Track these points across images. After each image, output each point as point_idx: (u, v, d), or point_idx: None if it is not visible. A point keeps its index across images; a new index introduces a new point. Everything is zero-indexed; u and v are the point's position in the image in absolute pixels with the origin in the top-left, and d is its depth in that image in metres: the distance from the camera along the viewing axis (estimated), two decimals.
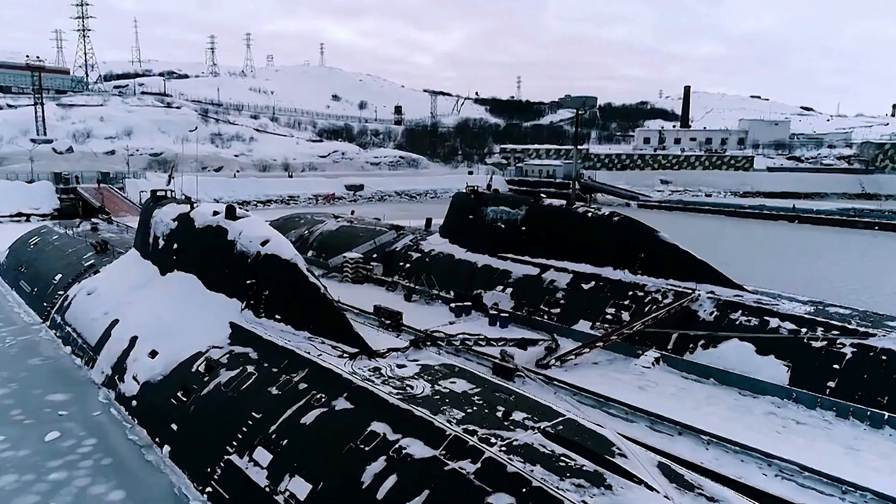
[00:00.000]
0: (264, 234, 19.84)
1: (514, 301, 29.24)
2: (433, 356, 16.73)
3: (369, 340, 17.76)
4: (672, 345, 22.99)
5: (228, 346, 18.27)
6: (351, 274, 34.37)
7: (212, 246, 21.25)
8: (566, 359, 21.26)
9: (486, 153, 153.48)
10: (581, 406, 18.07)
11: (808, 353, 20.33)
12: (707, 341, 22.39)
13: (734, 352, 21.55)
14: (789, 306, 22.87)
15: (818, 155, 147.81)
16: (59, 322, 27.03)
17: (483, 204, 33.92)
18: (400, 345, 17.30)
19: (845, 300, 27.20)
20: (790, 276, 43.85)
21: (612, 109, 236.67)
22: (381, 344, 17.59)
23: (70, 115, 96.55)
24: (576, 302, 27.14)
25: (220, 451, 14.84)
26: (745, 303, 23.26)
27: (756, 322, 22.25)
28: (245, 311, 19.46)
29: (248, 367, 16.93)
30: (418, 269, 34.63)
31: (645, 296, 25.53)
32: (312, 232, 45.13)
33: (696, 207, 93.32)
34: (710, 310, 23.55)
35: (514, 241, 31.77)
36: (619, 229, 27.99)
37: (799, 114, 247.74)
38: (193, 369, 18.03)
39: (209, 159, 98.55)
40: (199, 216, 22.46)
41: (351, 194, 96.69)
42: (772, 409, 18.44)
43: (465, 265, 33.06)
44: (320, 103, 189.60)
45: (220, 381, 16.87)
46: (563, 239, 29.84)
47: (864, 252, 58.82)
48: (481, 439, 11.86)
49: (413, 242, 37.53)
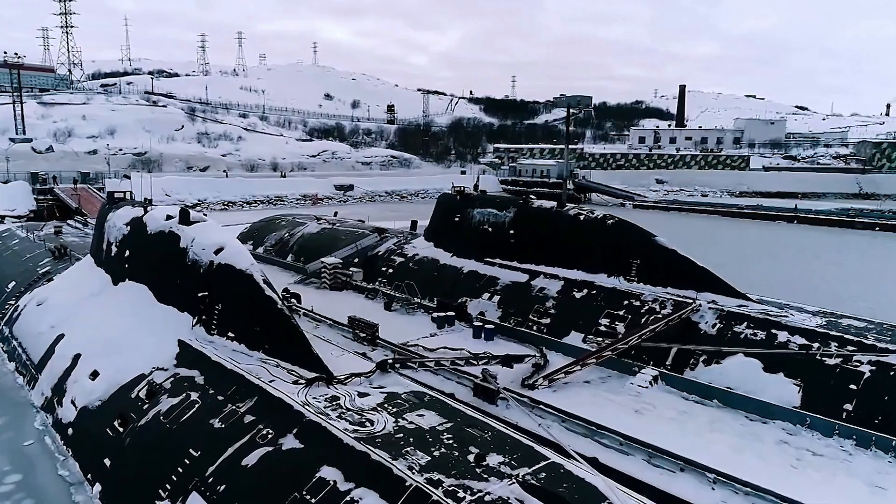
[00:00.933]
0: (219, 240, 17.83)
1: (502, 310, 27.27)
2: (402, 381, 14.73)
3: (335, 360, 15.83)
4: (671, 360, 21.04)
5: (174, 368, 16.25)
6: (329, 280, 32.33)
7: (163, 254, 19.25)
8: (555, 378, 19.30)
9: (479, 153, 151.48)
10: (570, 434, 16.14)
11: (821, 371, 18.41)
12: (709, 357, 20.44)
13: (739, 368, 19.59)
14: (799, 318, 20.94)
15: (814, 154, 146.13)
16: (6, 335, 24.95)
17: (469, 205, 31.95)
18: (365, 368, 15.28)
19: (848, 306, 25.36)
20: (790, 279, 42.02)
21: (607, 109, 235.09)
22: (346, 365, 15.61)
23: (51, 114, 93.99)
24: (567, 311, 25.18)
25: (150, 496, 12.81)
26: (750, 314, 21.32)
27: (763, 336, 20.32)
28: (196, 327, 17.43)
29: (193, 393, 14.91)
30: (401, 274, 32.63)
31: (641, 305, 23.58)
32: (293, 234, 43.08)
33: (692, 208, 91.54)
34: (712, 322, 21.62)
35: (501, 246, 29.80)
36: (612, 233, 26.03)
37: (794, 113, 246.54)
38: (134, 394, 16.01)
39: (195, 159, 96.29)
40: (151, 221, 20.44)
41: (340, 194, 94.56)
42: (783, 436, 16.51)
43: (450, 271, 31.08)
44: (312, 102, 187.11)
45: (161, 410, 14.84)
46: (553, 243, 27.89)
47: (864, 253, 57.18)
48: (447, 492, 9.88)
49: (396, 246, 35.53)
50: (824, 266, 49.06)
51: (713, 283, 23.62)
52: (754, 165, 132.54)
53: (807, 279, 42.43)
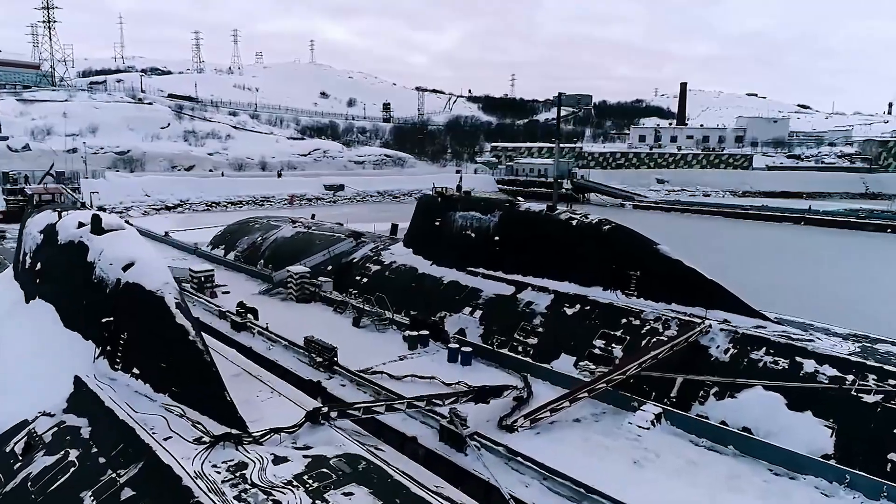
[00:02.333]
0: (129, 254, 14.66)
1: (484, 327, 24.13)
2: (335, 438, 11.56)
3: (261, 404, 12.74)
4: (676, 392, 17.90)
5: (62, 414, 13.12)
6: (295, 291, 29.15)
7: (71, 268, 16.13)
8: (539, 417, 16.15)
9: (476, 152, 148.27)
10: (552, 497, 12.97)
11: (859, 410, 15.26)
12: (722, 389, 17.30)
13: (758, 405, 16.46)
14: (827, 343, 17.79)
15: (819, 153, 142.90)
16: None
17: (451, 208, 28.80)
18: (293, 417, 12.11)
19: (885, 327, 22.11)
20: (809, 291, 38.24)
21: (607, 107, 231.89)
22: (272, 413, 12.50)
23: (30, 111, 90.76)
24: (557, 330, 22.04)
25: None
26: (769, 337, 18.16)
27: (785, 364, 17.17)
28: (100, 359, 14.28)
29: (73, 451, 11.78)
30: (376, 284, 29.49)
31: (641, 325, 20.43)
32: (266, 239, 39.92)
33: (694, 208, 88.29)
34: (724, 346, 18.46)
35: (485, 254, 26.67)
36: (609, 240, 22.86)
37: (796, 112, 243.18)
38: (9, 448, 12.86)
39: (180, 158, 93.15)
40: (62, 229, 17.35)
41: (330, 195, 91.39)
42: (817, 497, 13.36)
43: (429, 281, 27.94)
44: (308, 101, 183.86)
45: (31, 474, 11.70)
46: (542, 252, 24.75)
47: (888, 259, 53.46)
48: None
49: (373, 252, 32.38)
50: (846, 275, 44.56)
51: (724, 298, 20.46)
52: (757, 164, 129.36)
53: (831, 292, 38.06)
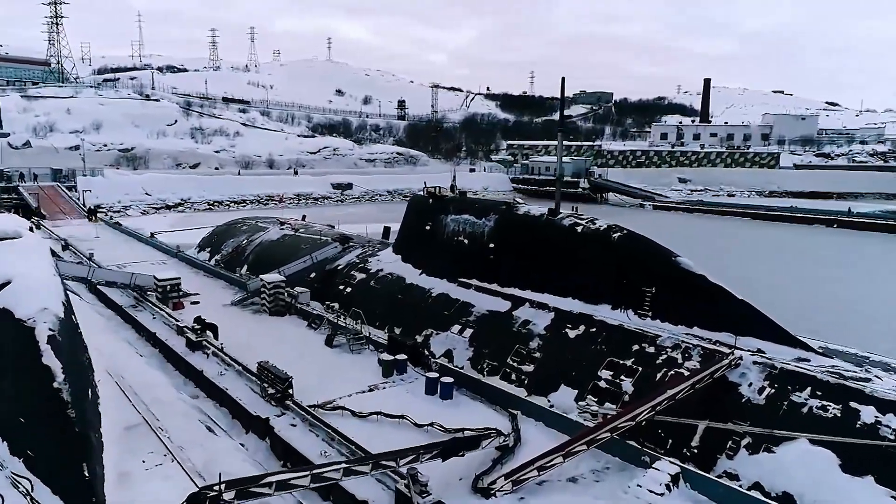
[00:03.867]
0: (6, 271, 11.67)
1: (474, 349, 20.89)
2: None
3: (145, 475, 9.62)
4: (699, 442, 14.49)
5: None
6: (269, 303, 26.11)
7: None
8: (524, 477, 12.86)
9: (492, 149, 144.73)
10: None
11: None
12: (756, 441, 13.86)
13: (803, 464, 13.02)
14: (890, 383, 14.25)
15: (850, 151, 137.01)
16: None
17: (442, 211, 25.56)
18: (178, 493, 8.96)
19: None
20: (859, 312, 32.64)
21: (628, 105, 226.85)
22: (149, 486, 9.37)
23: (34, 108, 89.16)
24: (556, 356, 18.72)
25: None
26: (815, 375, 14.65)
27: (836, 411, 13.67)
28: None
29: None
30: (359, 295, 26.42)
31: (657, 353, 17.03)
32: (251, 241, 37.04)
33: (718, 209, 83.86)
34: (758, 384, 14.98)
35: (479, 263, 23.42)
36: (620, 250, 19.45)
37: (825, 109, 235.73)
38: None
39: (185, 155, 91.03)
40: None
41: (338, 194, 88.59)
42: None
43: (417, 293, 24.76)
44: (323, 98, 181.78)
45: None
46: (543, 262, 21.42)
47: None
48: None
49: (360, 259, 29.28)
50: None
51: (758, 322, 16.98)
52: (784, 163, 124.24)
53: (887, 314, 32.25)
